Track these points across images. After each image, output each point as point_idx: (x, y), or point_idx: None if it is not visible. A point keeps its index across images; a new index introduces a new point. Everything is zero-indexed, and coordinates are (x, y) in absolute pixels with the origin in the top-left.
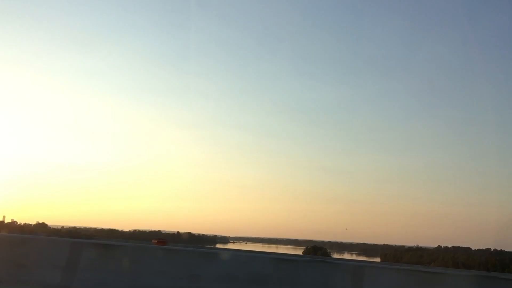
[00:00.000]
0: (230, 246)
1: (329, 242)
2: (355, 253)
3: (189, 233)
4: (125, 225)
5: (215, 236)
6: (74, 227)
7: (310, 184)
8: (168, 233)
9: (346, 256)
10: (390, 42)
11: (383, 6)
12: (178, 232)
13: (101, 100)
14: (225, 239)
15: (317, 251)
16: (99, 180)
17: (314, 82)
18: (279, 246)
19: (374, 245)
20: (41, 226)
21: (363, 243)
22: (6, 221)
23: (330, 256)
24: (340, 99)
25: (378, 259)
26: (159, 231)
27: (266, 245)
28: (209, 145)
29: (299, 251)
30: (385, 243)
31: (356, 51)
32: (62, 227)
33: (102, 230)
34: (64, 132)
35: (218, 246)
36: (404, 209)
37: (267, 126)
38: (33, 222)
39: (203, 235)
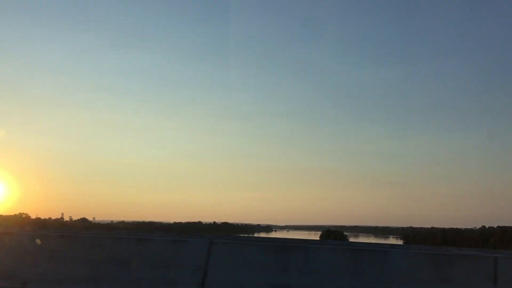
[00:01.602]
0: (272, 234)
1: (376, 227)
2: (397, 237)
3: (225, 223)
4: (173, 216)
5: (258, 225)
6: (123, 221)
7: (358, 169)
8: (206, 223)
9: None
10: (440, 20)
11: None
12: (214, 222)
13: (144, 96)
14: (268, 228)
15: (330, 234)
16: (144, 174)
17: (359, 66)
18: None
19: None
20: (83, 222)
21: (410, 227)
22: (65, 218)
23: (347, 239)
24: (387, 82)
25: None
26: (199, 222)
27: (313, 233)
28: (255, 135)
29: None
30: (433, 226)
31: (403, 31)
32: (111, 221)
33: (144, 223)
34: (112, 129)
35: (255, 234)
36: (452, 190)
37: (312, 113)
38: (89, 217)
39: (240, 224)
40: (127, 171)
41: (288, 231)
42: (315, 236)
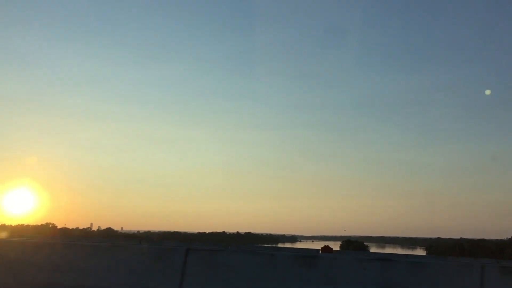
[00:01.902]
0: (297, 245)
1: (403, 237)
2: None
3: (248, 233)
4: (199, 226)
5: (283, 235)
6: (149, 231)
7: (384, 179)
8: (229, 234)
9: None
10: (466, 27)
11: None
12: (237, 232)
13: (171, 107)
14: (293, 238)
15: (350, 244)
16: (171, 184)
17: (384, 74)
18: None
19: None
20: (108, 231)
21: (438, 238)
22: (93, 228)
23: (368, 250)
24: (411, 90)
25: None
26: (223, 232)
27: (339, 243)
28: (281, 145)
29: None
30: (462, 237)
31: (428, 38)
32: (138, 231)
33: (169, 233)
34: (140, 140)
35: (279, 245)
36: (482, 200)
37: (337, 123)
38: (117, 228)
39: (265, 234)
40: (155, 182)
41: (313, 241)
42: (336, 246)
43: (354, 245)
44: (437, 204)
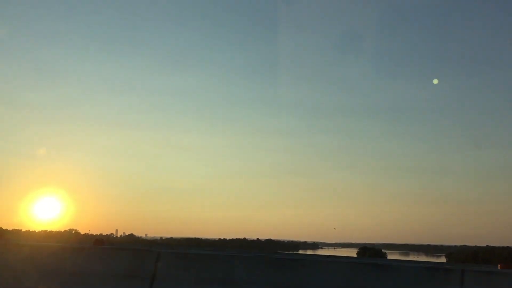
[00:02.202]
0: (319, 252)
1: (426, 245)
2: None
3: (269, 239)
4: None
5: (305, 242)
6: (171, 238)
7: (407, 185)
8: (250, 240)
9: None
10: (485, 32)
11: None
12: (257, 238)
13: (193, 115)
14: (315, 245)
15: (367, 251)
16: (195, 191)
17: (402, 80)
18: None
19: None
20: (129, 237)
21: (464, 245)
22: (118, 235)
23: (385, 257)
24: (431, 96)
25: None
26: (244, 239)
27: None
28: (302, 151)
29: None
30: (488, 245)
31: (443, 45)
32: (160, 237)
33: (190, 239)
34: (163, 148)
35: (300, 252)
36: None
37: (358, 129)
38: (141, 234)
39: (286, 241)
40: (178, 189)
41: (335, 248)
42: (352, 253)
43: (370, 252)
44: (464, 211)
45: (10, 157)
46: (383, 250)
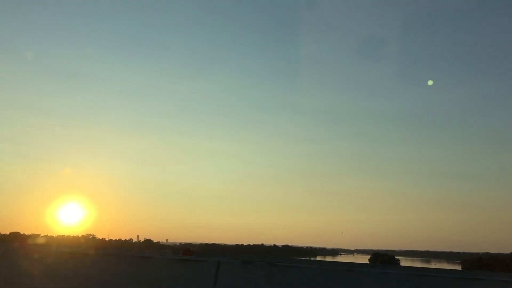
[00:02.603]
0: (338, 258)
1: (450, 252)
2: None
3: (286, 245)
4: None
5: (324, 248)
6: (190, 243)
7: (428, 191)
8: (267, 246)
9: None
10: (506, 37)
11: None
12: (274, 244)
13: (215, 121)
14: (334, 252)
15: (378, 258)
16: (216, 197)
17: (422, 86)
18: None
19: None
20: (148, 243)
21: (487, 253)
22: (139, 240)
23: (398, 264)
24: (452, 102)
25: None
26: (261, 245)
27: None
28: (321, 157)
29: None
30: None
31: (467, 50)
32: (180, 243)
33: (207, 244)
34: (182, 153)
35: (318, 258)
36: None
37: (379, 135)
38: (161, 239)
39: (305, 247)
40: (198, 194)
41: (354, 254)
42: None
43: (382, 258)
44: (486, 217)
45: (32, 163)
46: (396, 257)
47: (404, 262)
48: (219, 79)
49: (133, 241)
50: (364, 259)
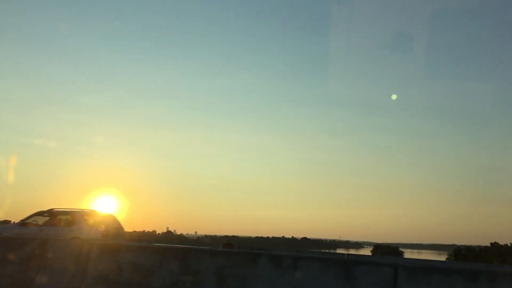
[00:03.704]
0: (361, 251)
1: (479, 246)
2: None
3: (304, 238)
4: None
5: (347, 241)
6: (215, 235)
7: (457, 184)
8: (287, 238)
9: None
10: None
11: None
12: (292, 237)
13: (242, 114)
14: (358, 245)
15: (378, 249)
16: (244, 190)
17: (454, 79)
18: (420, 251)
19: None
20: (168, 234)
21: None
22: (161, 232)
23: (402, 256)
24: (484, 95)
25: None
26: (282, 237)
27: (409, 251)
28: (352, 150)
29: (439, 257)
30: None
31: (497, 43)
32: (205, 235)
33: (227, 237)
34: (211, 148)
35: (338, 250)
36: None
37: (412, 128)
38: (192, 232)
39: (327, 240)
40: (229, 188)
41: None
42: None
43: (381, 250)
44: None
45: (65, 158)
46: (400, 249)
47: (410, 254)
48: (250, 73)
49: (156, 232)
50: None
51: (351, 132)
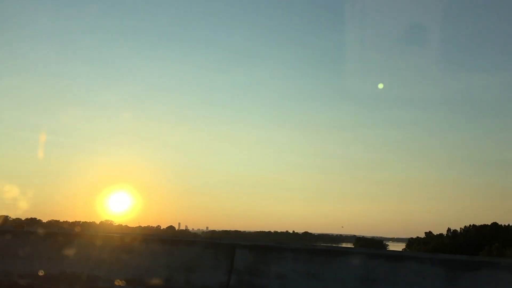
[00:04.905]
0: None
1: None
2: None
3: (306, 232)
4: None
5: (354, 236)
6: (225, 230)
7: (473, 179)
8: (291, 233)
9: None
10: None
11: None
12: (293, 231)
13: (254, 109)
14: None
15: (361, 242)
16: (254, 185)
17: (470, 71)
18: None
19: None
20: (171, 229)
21: None
22: (181, 228)
23: (385, 248)
24: (501, 87)
25: None
26: (286, 232)
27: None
28: (365, 144)
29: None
30: None
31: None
32: (214, 230)
33: (229, 232)
34: (222, 143)
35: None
36: None
37: (423, 120)
38: (203, 227)
39: (333, 234)
40: (241, 183)
41: (387, 243)
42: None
43: (365, 242)
44: None
45: (77, 154)
46: (385, 242)
47: (393, 247)
48: (264, 68)
49: (161, 227)
50: (398, 247)
51: (364, 126)
